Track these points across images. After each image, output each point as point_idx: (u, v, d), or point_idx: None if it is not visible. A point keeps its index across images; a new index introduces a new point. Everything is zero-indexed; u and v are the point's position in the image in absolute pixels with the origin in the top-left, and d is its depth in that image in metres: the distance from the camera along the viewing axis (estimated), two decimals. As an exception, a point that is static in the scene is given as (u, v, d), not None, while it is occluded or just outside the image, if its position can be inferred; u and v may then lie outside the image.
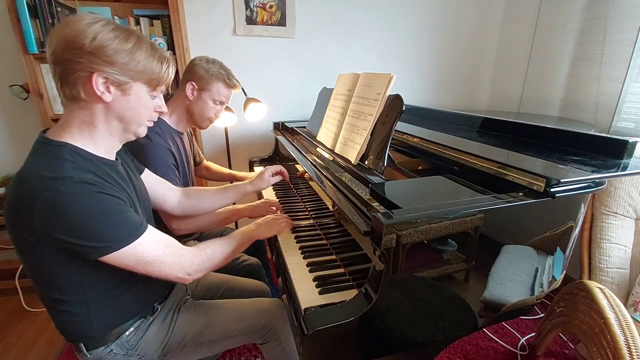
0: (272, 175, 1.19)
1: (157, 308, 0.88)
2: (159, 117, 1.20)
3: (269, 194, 1.50)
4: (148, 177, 0.96)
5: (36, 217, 0.60)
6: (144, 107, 0.73)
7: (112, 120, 0.71)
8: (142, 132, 0.77)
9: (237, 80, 1.24)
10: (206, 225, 1.15)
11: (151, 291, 0.88)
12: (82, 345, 0.78)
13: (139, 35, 0.69)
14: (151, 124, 0.79)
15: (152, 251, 0.70)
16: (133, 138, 0.77)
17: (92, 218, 0.62)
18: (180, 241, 1.16)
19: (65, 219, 0.60)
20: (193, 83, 1.16)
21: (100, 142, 0.72)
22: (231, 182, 1.66)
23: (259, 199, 1.35)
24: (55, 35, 0.64)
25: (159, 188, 1.00)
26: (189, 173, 1.29)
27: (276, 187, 1.54)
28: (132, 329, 0.83)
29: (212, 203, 1.12)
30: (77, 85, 0.65)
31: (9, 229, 0.66)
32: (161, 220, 1.09)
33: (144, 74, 0.69)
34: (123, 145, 0.81)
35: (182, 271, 0.76)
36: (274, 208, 1.22)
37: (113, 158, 0.77)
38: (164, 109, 0.80)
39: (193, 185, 1.33)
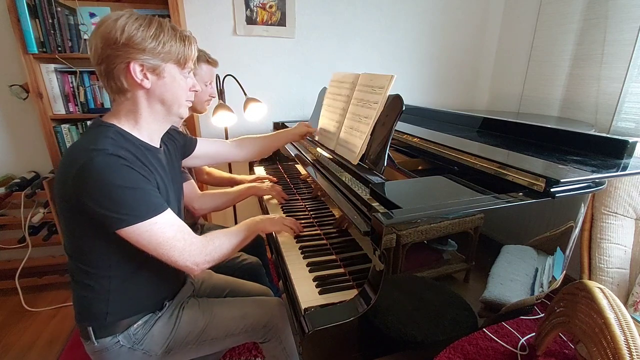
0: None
1: (166, 304, 0.90)
2: None
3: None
4: (203, 144, 1.13)
5: (71, 183, 0.67)
6: (180, 88, 0.79)
7: (154, 104, 0.78)
8: (184, 112, 0.83)
9: (214, 58, 1.30)
10: (223, 204, 1.26)
11: (165, 286, 0.91)
12: (90, 330, 0.80)
13: (159, 20, 0.75)
14: (190, 104, 0.85)
15: (165, 232, 0.73)
16: (178, 120, 0.85)
17: (116, 188, 0.67)
18: None
19: (93, 186, 0.66)
20: None
21: (145, 127, 0.79)
22: (231, 186, 1.68)
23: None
24: (92, 38, 0.71)
25: (216, 147, 1.17)
26: (188, 167, 1.29)
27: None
28: (140, 322, 0.85)
29: (262, 148, 1.28)
30: (120, 77, 0.72)
31: (56, 197, 0.73)
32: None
33: (171, 54, 0.75)
34: (168, 133, 0.89)
35: (190, 260, 0.77)
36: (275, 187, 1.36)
37: (157, 145, 0.84)
38: (198, 87, 0.86)
39: (194, 178, 1.34)
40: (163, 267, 0.76)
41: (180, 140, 1.01)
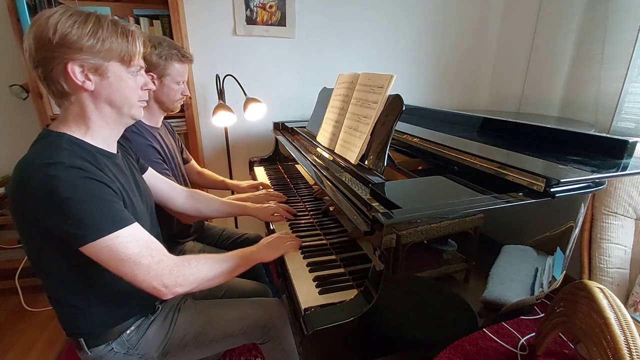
0: (274, 215, 1.17)
1: (159, 307, 0.89)
2: None
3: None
4: (151, 176, 0.98)
5: (29, 201, 0.62)
6: (128, 87, 0.73)
7: (102, 107, 0.72)
8: (137, 113, 0.77)
9: (190, 54, 1.17)
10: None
11: None
12: (82, 341, 0.78)
13: (98, 15, 0.68)
14: (144, 104, 0.79)
15: (128, 247, 0.65)
16: (131, 122, 0.79)
17: (77, 203, 0.62)
18: (178, 240, 1.15)
19: (52, 202, 0.61)
20: (151, 74, 1.10)
21: (97, 132, 0.73)
22: (223, 190, 1.62)
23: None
24: (26, 40, 0.65)
25: (164, 187, 1.02)
26: (177, 167, 1.26)
27: (276, 187, 1.54)
28: (132, 327, 0.83)
29: (216, 212, 1.15)
30: (60, 80, 0.67)
31: (14, 219, 0.68)
32: (165, 216, 1.09)
33: (112, 51, 0.69)
34: (122, 145, 0.81)
35: (157, 280, 0.68)
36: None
37: (113, 150, 0.78)
38: (151, 85, 0.80)
39: (184, 179, 1.32)
40: None
41: (134, 156, 0.92)
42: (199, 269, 0.76)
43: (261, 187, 1.48)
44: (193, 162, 1.53)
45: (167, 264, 0.70)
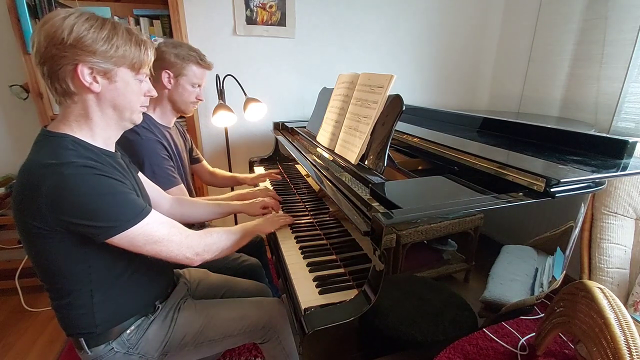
0: (262, 208, 1.20)
1: (159, 307, 0.89)
2: (144, 113, 1.20)
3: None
4: (141, 179, 0.98)
5: (44, 203, 0.63)
6: (133, 93, 0.76)
7: (106, 109, 0.74)
8: (137, 118, 0.80)
9: (209, 61, 1.22)
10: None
11: (154, 287, 0.89)
12: (82, 341, 0.79)
13: (113, 22, 0.71)
14: (145, 109, 0.82)
15: (159, 230, 0.73)
16: (130, 125, 0.81)
17: (98, 198, 0.65)
18: None
19: (72, 201, 0.64)
20: (168, 71, 1.14)
21: (98, 132, 0.75)
22: (234, 186, 1.67)
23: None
24: (36, 35, 0.66)
25: (151, 192, 1.01)
26: (183, 167, 1.28)
27: (276, 186, 1.54)
28: (133, 327, 0.83)
29: (203, 215, 1.15)
30: (66, 79, 0.68)
31: (17, 220, 0.69)
32: None
33: (125, 58, 0.71)
34: (118, 146, 0.83)
35: (190, 250, 0.79)
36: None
37: (112, 149, 0.80)
38: (154, 92, 0.82)
39: (189, 180, 1.33)
40: (147, 268, 0.75)
41: (126, 158, 0.91)
42: (219, 239, 0.88)
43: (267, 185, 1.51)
44: (204, 162, 1.54)
45: (193, 237, 0.81)
